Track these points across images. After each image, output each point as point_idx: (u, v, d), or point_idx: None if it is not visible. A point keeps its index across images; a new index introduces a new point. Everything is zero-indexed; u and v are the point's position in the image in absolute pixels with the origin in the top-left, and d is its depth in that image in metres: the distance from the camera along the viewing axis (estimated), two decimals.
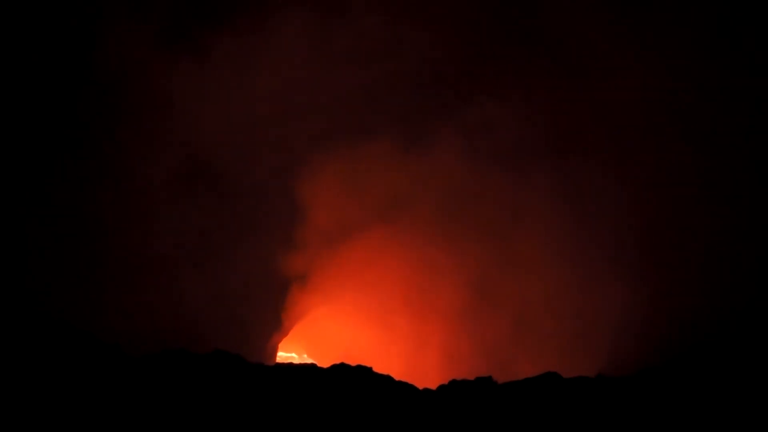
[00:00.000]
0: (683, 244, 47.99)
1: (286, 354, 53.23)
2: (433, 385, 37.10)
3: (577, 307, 49.09)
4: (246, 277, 48.39)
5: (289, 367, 37.20)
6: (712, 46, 47.54)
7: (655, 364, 37.04)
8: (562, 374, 36.44)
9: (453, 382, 36.65)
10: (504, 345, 49.30)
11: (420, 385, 37.02)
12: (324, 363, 42.04)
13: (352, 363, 36.85)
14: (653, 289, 47.59)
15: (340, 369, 36.58)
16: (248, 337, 47.64)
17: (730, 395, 34.53)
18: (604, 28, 49.20)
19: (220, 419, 33.83)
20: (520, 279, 49.89)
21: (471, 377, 36.81)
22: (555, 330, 49.22)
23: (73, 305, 44.94)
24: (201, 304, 47.35)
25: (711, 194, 48.03)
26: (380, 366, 38.15)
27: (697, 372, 35.84)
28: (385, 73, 50.53)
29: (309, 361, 52.26)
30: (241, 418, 33.98)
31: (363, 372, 36.54)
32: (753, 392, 34.49)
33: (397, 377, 36.89)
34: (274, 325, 49.09)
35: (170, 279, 47.32)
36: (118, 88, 47.78)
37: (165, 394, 34.41)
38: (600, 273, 48.99)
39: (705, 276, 47.24)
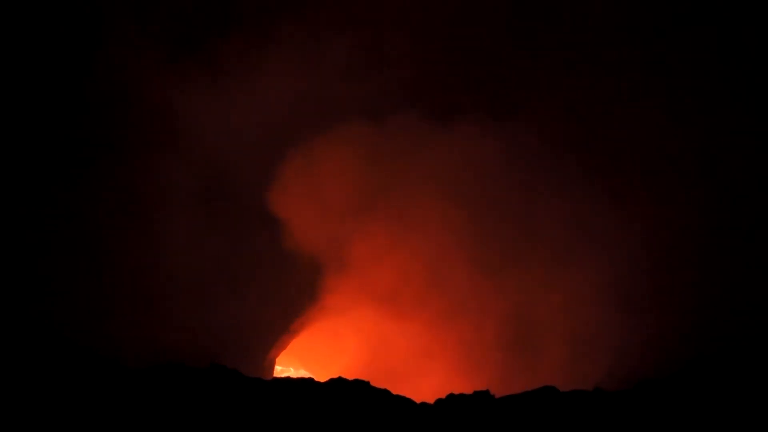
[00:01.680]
0: (687, 258, 48.07)
1: (282, 368, 53.28)
2: (438, 396, 37.04)
3: (581, 319, 49.09)
4: (246, 292, 48.41)
5: (287, 381, 37.20)
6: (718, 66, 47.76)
7: (654, 377, 36.96)
8: (561, 387, 36.42)
9: (450, 396, 36.61)
10: (509, 356, 49.28)
11: (427, 399, 37.00)
12: (320, 377, 42.03)
13: (350, 377, 36.86)
14: (656, 301, 47.66)
15: (338, 383, 36.57)
16: (246, 352, 47.61)
17: (732, 409, 34.42)
18: (609, 38, 49.32)
19: None
20: (525, 288, 49.93)
21: (473, 390, 36.78)
22: (557, 341, 49.21)
23: (73, 314, 44.96)
24: (201, 318, 47.36)
25: (713, 199, 48.12)
26: (383, 379, 38.10)
27: (698, 386, 35.74)
28: (384, 82, 50.71)
29: (305, 374, 52.25)
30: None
31: (360, 386, 36.51)
32: (755, 405, 34.40)
33: (395, 391, 36.85)
34: (272, 340, 49.09)
35: (170, 292, 47.32)
36: (122, 98, 47.93)
37: (160, 407, 34.33)
38: (604, 283, 49.02)
39: (707, 286, 47.28)
